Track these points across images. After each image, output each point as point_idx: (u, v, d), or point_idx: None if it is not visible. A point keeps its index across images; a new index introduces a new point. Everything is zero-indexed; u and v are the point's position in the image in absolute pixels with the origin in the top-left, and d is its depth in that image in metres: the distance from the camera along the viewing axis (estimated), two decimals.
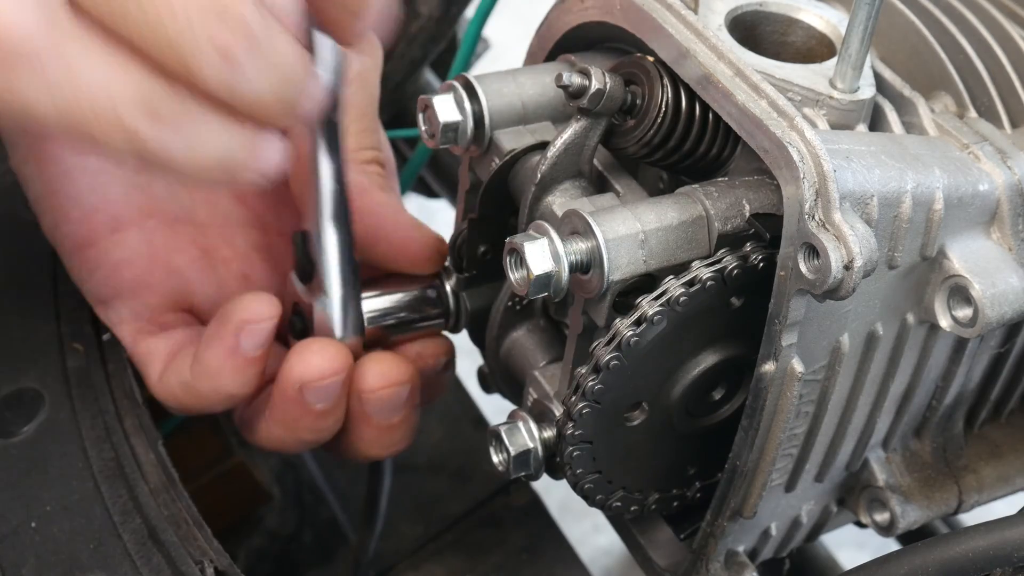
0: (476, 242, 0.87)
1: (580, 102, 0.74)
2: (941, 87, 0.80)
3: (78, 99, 0.66)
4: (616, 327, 0.72)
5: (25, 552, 0.79)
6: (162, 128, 0.68)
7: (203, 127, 0.70)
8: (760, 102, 0.68)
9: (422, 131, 0.82)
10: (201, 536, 0.81)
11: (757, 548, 0.84)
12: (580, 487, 0.79)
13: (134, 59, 0.67)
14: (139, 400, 0.89)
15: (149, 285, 0.91)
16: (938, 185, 0.70)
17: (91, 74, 0.66)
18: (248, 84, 0.69)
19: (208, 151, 0.71)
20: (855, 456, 0.81)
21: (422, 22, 1.36)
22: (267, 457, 1.28)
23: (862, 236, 0.64)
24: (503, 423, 0.81)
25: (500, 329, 0.87)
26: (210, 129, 0.70)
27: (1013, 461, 0.87)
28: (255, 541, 1.25)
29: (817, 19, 0.80)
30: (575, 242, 0.70)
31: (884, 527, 0.83)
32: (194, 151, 0.70)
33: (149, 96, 0.68)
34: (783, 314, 0.68)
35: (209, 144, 0.70)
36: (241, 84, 0.68)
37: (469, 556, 1.21)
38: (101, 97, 0.67)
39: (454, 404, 1.33)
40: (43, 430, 0.85)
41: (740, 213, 0.73)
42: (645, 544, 0.86)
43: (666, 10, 0.74)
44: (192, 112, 0.69)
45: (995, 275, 0.71)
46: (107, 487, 0.82)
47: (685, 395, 0.77)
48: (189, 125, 0.69)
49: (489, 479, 1.25)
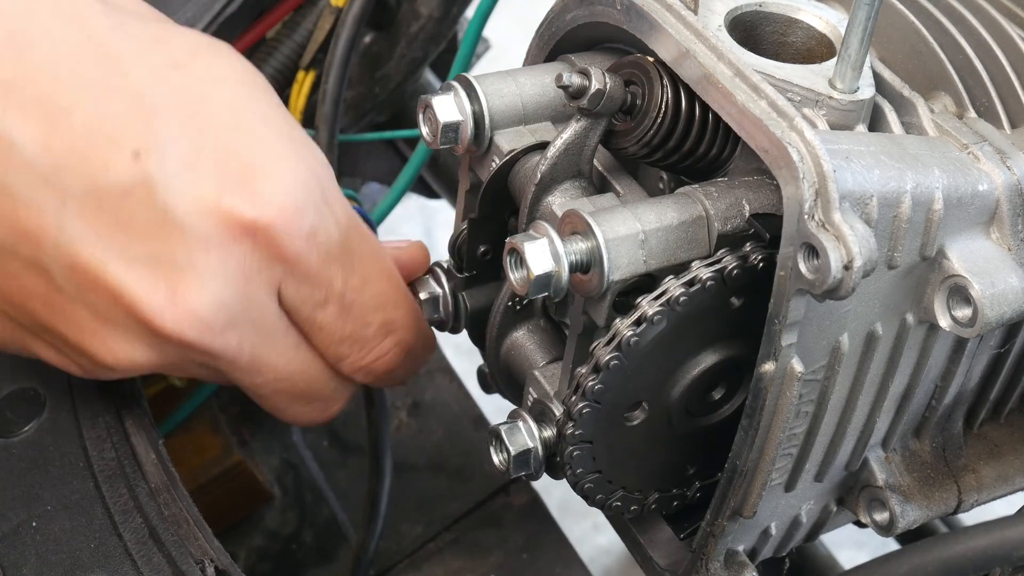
0: (476, 242, 0.87)
1: (580, 102, 0.74)
2: (940, 87, 0.80)
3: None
4: (616, 327, 0.72)
5: (26, 551, 0.79)
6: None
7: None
8: (760, 102, 0.69)
9: (422, 131, 0.82)
10: (202, 536, 0.81)
11: (757, 547, 0.84)
12: (580, 487, 0.80)
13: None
14: (139, 400, 0.89)
15: None
16: (937, 185, 0.71)
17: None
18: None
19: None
20: (855, 456, 0.81)
21: (422, 22, 1.36)
22: (267, 457, 1.28)
23: (862, 236, 0.64)
24: (503, 423, 0.81)
25: (500, 329, 0.87)
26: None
27: (1012, 461, 0.87)
28: (255, 541, 1.25)
29: (817, 19, 0.80)
30: (575, 242, 0.71)
31: (883, 527, 0.83)
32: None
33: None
34: (783, 314, 0.68)
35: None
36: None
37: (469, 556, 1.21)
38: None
39: (454, 404, 1.33)
40: (43, 430, 0.85)
41: (740, 213, 0.73)
42: (645, 543, 0.86)
43: (666, 10, 0.74)
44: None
45: (994, 275, 0.71)
46: (107, 487, 0.82)
47: (685, 395, 0.77)
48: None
49: (489, 479, 1.25)
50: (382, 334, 0.89)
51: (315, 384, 0.88)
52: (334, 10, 1.28)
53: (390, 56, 1.39)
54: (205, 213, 0.75)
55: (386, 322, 0.88)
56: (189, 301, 0.76)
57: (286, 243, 0.78)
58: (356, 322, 0.86)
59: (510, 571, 1.20)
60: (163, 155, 0.75)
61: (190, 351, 0.79)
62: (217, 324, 0.78)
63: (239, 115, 0.78)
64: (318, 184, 0.80)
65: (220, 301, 0.77)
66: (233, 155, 0.77)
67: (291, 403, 0.89)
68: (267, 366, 0.84)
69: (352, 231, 0.84)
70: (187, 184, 0.75)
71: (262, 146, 0.78)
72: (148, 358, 0.80)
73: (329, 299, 0.83)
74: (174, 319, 0.76)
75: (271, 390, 0.87)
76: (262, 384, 0.86)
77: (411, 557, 1.22)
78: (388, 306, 0.88)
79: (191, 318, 0.76)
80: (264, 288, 0.79)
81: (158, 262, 0.76)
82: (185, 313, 0.76)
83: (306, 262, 0.80)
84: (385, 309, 0.88)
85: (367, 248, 0.86)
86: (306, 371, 0.87)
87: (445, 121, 0.80)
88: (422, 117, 0.82)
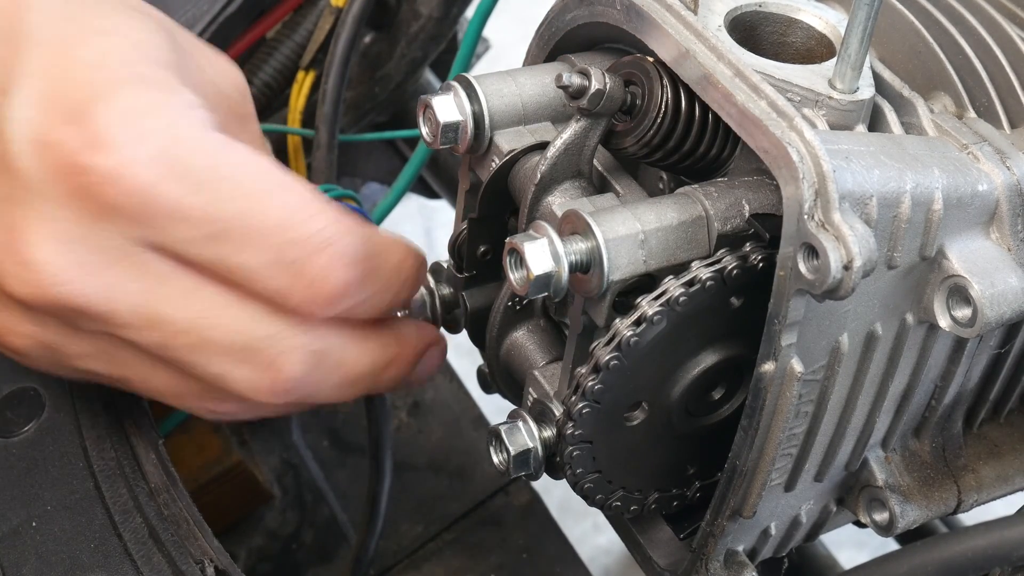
0: (476, 242, 0.87)
1: (580, 102, 0.74)
2: (940, 87, 0.80)
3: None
4: (616, 327, 0.72)
5: (26, 551, 0.79)
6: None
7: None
8: (760, 102, 0.69)
9: (422, 131, 0.82)
10: (201, 536, 0.81)
11: (756, 547, 0.84)
12: (580, 487, 0.80)
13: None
14: (139, 400, 0.89)
15: None
16: (937, 185, 0.71)
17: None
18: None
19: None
20: (854, 456, 0.81)
21: (422, 22, 1.36)
22: (267, 457, 1.28)
23: (861, 236, 0.64)
24: (503, 423, 0.81)
25: (500, 329, 0.87)
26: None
27: (1012, 461, 0.87)
28: (255, 541, 1.25)
29: (816, 20, 0.80)
30: (575, 242, 0.71)
31: (883, 527, 0.83)
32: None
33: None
34: (782, 314, 0.68)
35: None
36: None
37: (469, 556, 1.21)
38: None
39: (454, 404, 1.33)
40: (43, 430, 0.85)
41: (740, 213, 0.73)
42: (645, 543, 0.86)
43: (666, 10, 0.74)
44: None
45: (994, 275, 0.72)
46: (107, 487, 0.82)
47: (685, 395, 0.77)
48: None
49: (489, 479, 1.25)
50: (311, 250, 0.75)
51: (237, 335, 0.76)
52: (334, 10, 1.28)
53: (390, 56, 1.39)
54: (36, 149, 0.71)
55: (307, 236, 0.75)
56: (26, 247, 0.71)
57: (125, 176, 0.70)
58: (268, 247, 0.74)
59: (510, 571, 1.20)
60: (17, 91, 0.72)
61: (49, 306, 0.73)
62: (63, 270, 0.71)
63: (105, 60, 0.74)
64: (167, 115, 0.73)
65: (60, 244, 0.71)
66: (79, 92, 0.72)
67: (224, 365, 0.77)
68: (160, 318, 0.75)
69: (220, 154, 0.74)
70: (27, 119, 0.71)
71: (111, 85, 0.72)
72: (22, 325, 0.75)
73: (220, 232, 0.73)
74: (13, 269, 0.71)
75: (185, 349, 0.76)
76: (169, 344, 0.76)
77: (411, 557, 1.22)
78: (302, 218, 0.75)
79: (28, 264, 0.71)
80: (119, 230, 0.72)
81: (2, 207, 0.72)
82: (22, 260, 0.71)
83: (160, 194, 0.71)
84: (299, 223, 0.75)
85: (246, 166, 0.75)
86: (216, 318, 0.76)
87: (445, 121, 0.80)
88: (422, 117, 0.82)
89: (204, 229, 0.73)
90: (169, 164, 0.72)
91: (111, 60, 0.74)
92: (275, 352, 0.77)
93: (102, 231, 0.72)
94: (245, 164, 0.75)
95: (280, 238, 0.74)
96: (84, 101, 0.72)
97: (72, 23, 0.76)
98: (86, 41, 0.75)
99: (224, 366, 0.77)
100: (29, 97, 0.72)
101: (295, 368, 0.78)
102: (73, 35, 0.75)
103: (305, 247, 0.75)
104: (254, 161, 0.76)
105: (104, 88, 0.72)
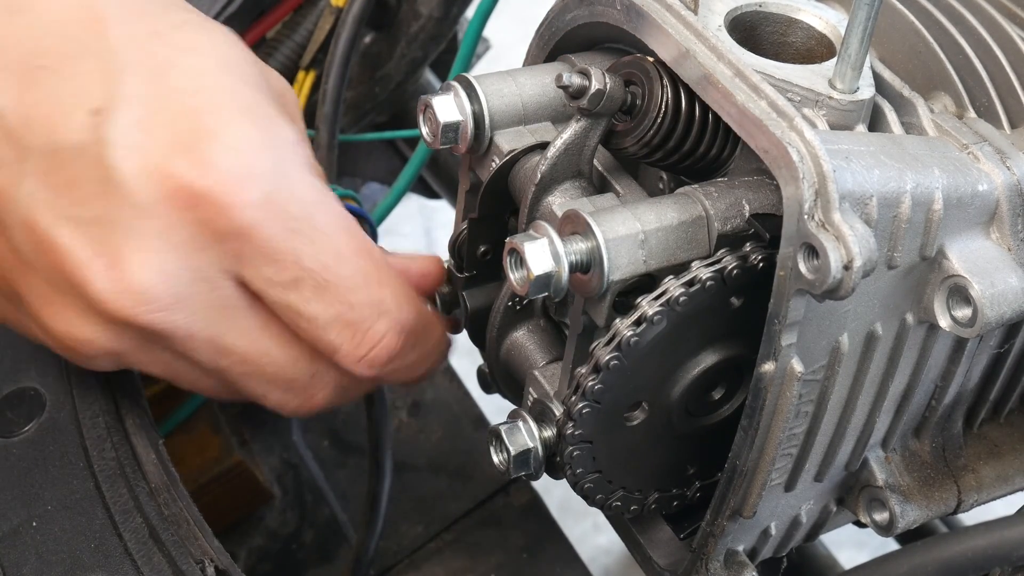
0: (476, 242, 0.87)
1: (580, 102, 0.74)
2: (940, 87, 0.80)
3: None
4: (616, 327, 0.72)
5: (26, 551, 0.79)
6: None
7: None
8: (760, 102, 0.69)
9: (422, 131, 0.82)
10: (202, 536, 0.81)
11: (756, 547, 0.84)
12: (580, 487, 0.80)
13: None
14: (139, 400, 0.89)
15: None
16: (937, 185, 0.71)
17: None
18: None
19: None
20: (854, 456, 0.81)
21: (422, 22, 1.36)
22: (267, 457, 1.28)
23: (861, 236, 0.64)
24: (503, 423, 0.81)
25: (500, 329, 0.87)
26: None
27: (1012, 461, 0.87)
28: (255, 541, 1.25)
29: (817, 20, 0.80)
30: (575, 242, 0.71)
31: (883, 527, 0.83)
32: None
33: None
34: (783, 314, 0.68)
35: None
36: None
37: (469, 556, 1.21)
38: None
39: (454, 404, 1.33)
40: (43, 430, 0.85)
41: (740, 213, 0.73)
42: (645, 543, 0.86)
43: (666, 10, 0.74)
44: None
45: (994, 275, 0.72)
46: (107, 487, 0.82)
47: (685, 395, 0.77)
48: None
49: (489, 479, 1.25)
50: (372, 316, 0.82)
51: (286, 370, 0.83)
52: (334, 10, 1.28)
53: (390, 56, 1.39)
54: (148, 176, 0.72)
55: (373, 302, 0.82)
56: (128, 271, 0.73)
57: (235, 212, 0.74)
58: (338, 304, 0.80)
59: (510, 571, 1.20)
60: (119, 115, 0.73)
61: (136, 327, 0.76)
62: (160, 298, 0.74)
63: (203, 83, 0.76)
64: (274, 154, 0.77)
65: (163, 273, 0.74)
66: (187, 121, 0.74)
67: (267, 390, 0.85)
68: (228, 348, 0.80)
69: (317, 206, 0.79)
70: (135, 145, 0.73)
71: (218, 114, 0.75)
72: (101, 337, 0.77)
73: (300, 279, 0.78)
74: (112, 289, 0.73)
75: (238, 374, 0.82)
76: (227, 368, 0.81)
77: (411, 557, 1.22)
78: (372, 284, 0.81)
79: (130, 289, 0.73)
80: (216, 262, 0.76)
81: (102, 227, 0.73)
82: (123, 283, 0.73)
83: (260, 235, 0.75)
84: (369, 288, 0.81)
85: (336, 223, 0.80)
86: (274, 356, 0.82)
87: (445, 121, 0.80)
88: (422, 117, 0.82)
89: (288, 273, 0.78)
90: (273, 206, 0.76)
91: (208, 83, 0.77)
92: (316, 387, 0.86)
93: (203, 259, 0.75)
94: (336, 219, 0.80)
95: (350, 298, 0.80)
96: (194, 131, 0.74)
97: (156, 39, 0.77)
98: (177, 62, 0.77)
99: (266, 389, 0.85)
100: (133, 124, 0.74)
101: (325, 398, 0.87)
102: (162, 56, 0.77)
103: (368, 311, 0.82)
104: (343, 217, 0.81)
105: (212, 117, 0.75)
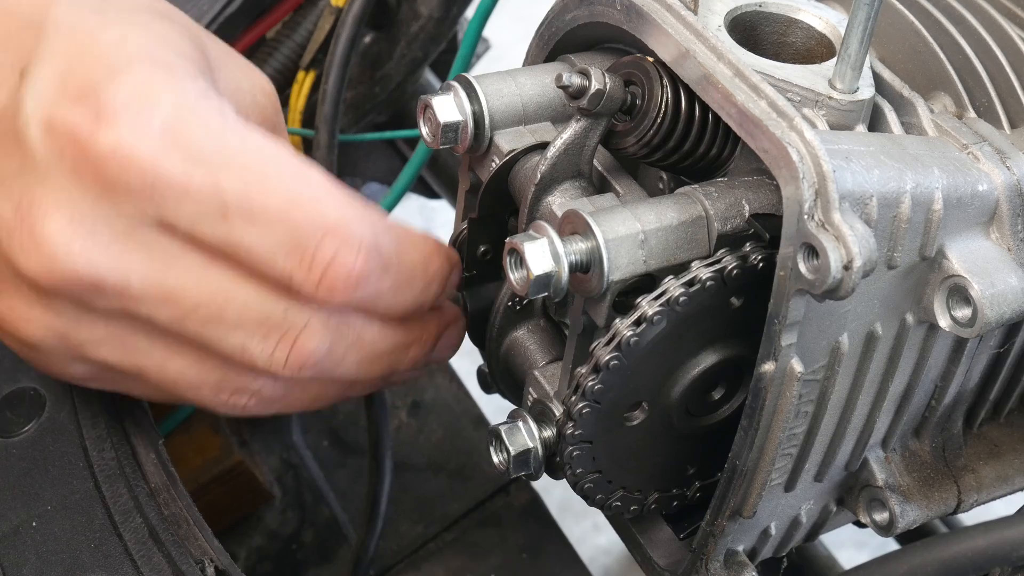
0: (476, 242, 0.87)
1: (580, 102, 0.74)
2: (940, 87, 0.80)
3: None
4: (616, 327, 0.72)
5: (26, 551, 0.79)
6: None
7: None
8: (760, 102, 0.69)
9: (422, 131, 0.82)
10: (202, 536, 0.81)
11: (756, 547, 0.84)
12: (580, 487, 0.80)
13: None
14: (139, 400, 0.89)
15: None
16: (937, 185, 0.71)
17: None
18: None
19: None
20: (854, 456, 0.81)
21: (422, 22, 1.36)
22: (267, 457, 1.28)
23: (861, 236, 0.64)
24: (503, 423, 0.81)
25: (500, 329, 0.87)
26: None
27: (1012, 461, 0.87)
28: (255, 541, 1.25)
29: (816, 20, 0.80)
30: (575, 242, 0.71)
31: (883, 527, 0.83)
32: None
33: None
34: (782, 314, 0.68)
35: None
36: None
37: (469, 556, 1.21)
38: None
39: (454, 404, 1.33)
40: (43, 430, 0.85)
41: (740, 213, 0.73)
42: (645, 543, 0.86)
43: (666, 10, 0.74)
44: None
45: (994, 275, 0.72)
46: (107, 487, 0.82)
47: (685, 395, 0.77)
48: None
49: (489, 479, 1.25)
50: (316, 234, 0.75)
51: (251, 308, 0.77)
52: (334, 10, 1.28)
53: (390, 56, 1.39)
54: (47, 129, 0.72)
55: (314, 220, 0.75)
56: (38, 229, 0.72)
57: (129, 151, 0.71)
58: (275, 228, 0.74)
59: (510, 571, 1.20)
60: (36, 72, 0.73)
61: (64, 291, 0.73)
62: (74, 252, 0.72)
63: (127, 48, 0.74)
64: (175, 93, 0.73)
65: (72, 224, 0.72)
66: (95, 74, 0.73)
67: (242, 339, 0.78)
68: (175, 293, 0.75)
69: (230, 132, 0.74)
70: (42, 100, 0.73)
71: (128, 67, 0.73)
72: (37, 310, 0.75)
73: (226, 210, 0.73)
74: (27, 251, 0.72)
75: (202, 325, 0.76)
76: (186, 320, 0.76)
77: (411, 557, 1.22)
78: (308, 202, 0.75)
79: (40, 248, 0.72)
80: (124, 206, 0.73)
81: (19, 187, 0.73)
82: (35, 242, 0.72)
83: (165, 170, 0.71)
84: (305, 205, 0.74)
85: (257, 147, 0.75)
86: (231, 293, 0.76)
87: (445, 121, 0.80)
88: (422, 117, 0.82)
89: (210, 205, 0.72)
90: (174, 140, 0.72)
91: (130, 43, 0.75)
92: (293, 325, 0.78)
93: (110, 208, 0.72)
94: (254, 145, 0.75)
95: (284, 220, 0.74)
96: (96, 80, 0.72)
97: (98, 16, 0.77)
98: (109, 27, 0.75)
99: (242, 339, 0.78)
100: (45, 78, 0.73)
101: (314, 340, 0.79)
102: (97, 23, 0.76)
103: (310, 230, 0.74)
104: (266, 144, 0.75)
105: (118, 67, 0.73)
